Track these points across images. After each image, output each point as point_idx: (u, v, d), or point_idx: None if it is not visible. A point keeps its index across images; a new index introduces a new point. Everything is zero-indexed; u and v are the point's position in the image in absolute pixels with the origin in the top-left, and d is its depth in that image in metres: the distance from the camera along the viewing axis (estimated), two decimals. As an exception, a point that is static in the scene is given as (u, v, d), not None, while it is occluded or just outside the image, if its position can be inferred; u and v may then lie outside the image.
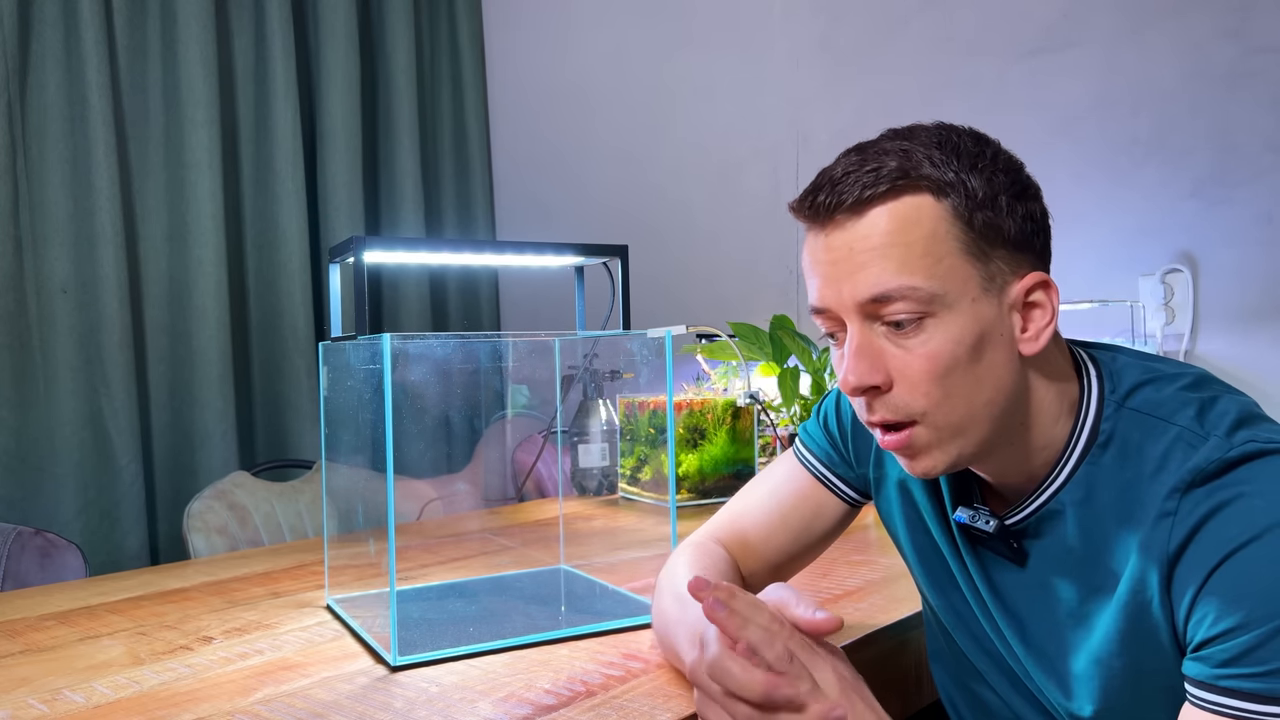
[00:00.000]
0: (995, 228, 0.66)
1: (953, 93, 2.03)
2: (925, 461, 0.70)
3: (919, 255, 0.65)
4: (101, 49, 2.10)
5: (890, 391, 0.68)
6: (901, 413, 0.68)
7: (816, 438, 0.93)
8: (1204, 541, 0.62)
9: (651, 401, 1.81)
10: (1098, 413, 0.70)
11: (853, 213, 0.67)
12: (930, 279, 0.65)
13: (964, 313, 0.66)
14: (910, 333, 0.66)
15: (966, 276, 0.66)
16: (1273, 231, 1.67)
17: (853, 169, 0.67)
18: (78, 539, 1.96)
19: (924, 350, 0.66)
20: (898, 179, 0.66)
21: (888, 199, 0.66)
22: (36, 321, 2.04)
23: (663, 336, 1.08)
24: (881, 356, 0.67)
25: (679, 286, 2.51)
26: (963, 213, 0.65)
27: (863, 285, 0.66)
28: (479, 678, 0.86)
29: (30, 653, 0.98)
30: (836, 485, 0.91)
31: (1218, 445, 0.63)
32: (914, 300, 0.65)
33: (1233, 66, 1.70)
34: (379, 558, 0.97)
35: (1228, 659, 0.59)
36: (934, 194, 0.66)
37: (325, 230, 2.58)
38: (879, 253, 0.65)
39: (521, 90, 2.95)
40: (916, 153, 0.66)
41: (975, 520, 0.75)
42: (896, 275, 0.65)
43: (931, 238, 0.65)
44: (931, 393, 0.66)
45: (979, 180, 0.66)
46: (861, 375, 0.67)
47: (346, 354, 1.06)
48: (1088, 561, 0.70)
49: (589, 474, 1.94)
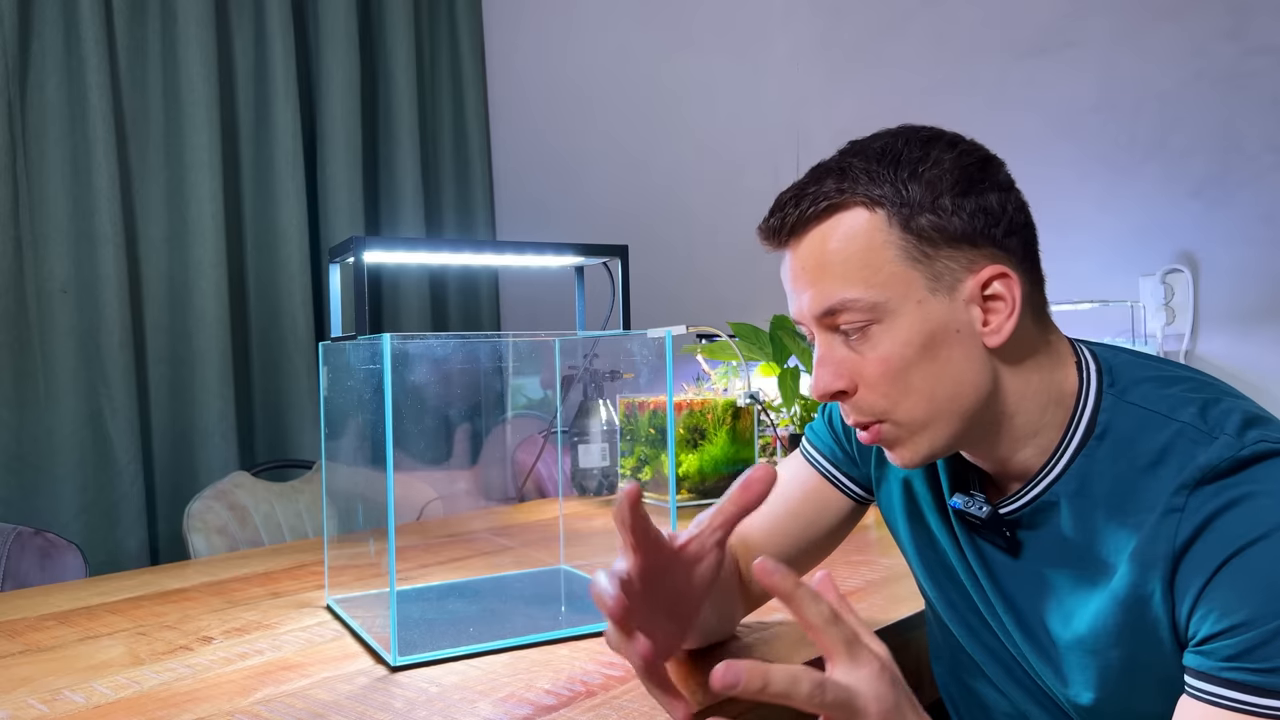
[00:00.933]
0: (939, 229, 0.68)
1: (953, 93, 2.03)
2: (903, 453, 0.73)
3: (857, 268, 0.69)
4: (101, 49, 2.10)
5: (855, 394, 0.72)
6: (867, 413, 0.72)
7: (823, 436, 0.94)
8: (1211, 538, 0.62)
9: (652, 401, 1.81)
10: (1095, 405, 0.71)
11: (796, 235, 0.72)
12: (869, 289, 0.68)
13: (909, 314, 0.69)
14: (860, 340, 0.70)
15: (909, 281, 0.68)
16: (1273, 232, 1.67)
17: (796, 193, 0.72)
18: (78, 539, 1.96)
19: (875, 355, 0.70)
20: (833, 198, 0.70)
21: (824, 218, 0.70)
22: (36, 321, 2.04)
23: (663, 336, 1.08)
24: (844, 363, 0.72)
25: (679, 286, 2.51)
26: (898, 220, 0.68)
27: (814, 300, 0.71)
28: (479, 678, 0.86)
29: (30, 653, 0.98)
30: (843, 482, 0.92)
31: (1229, 444, 0.64)
32: (856, 310, 0.69)
33: (1232, 67, 1.70)
34: (379, 558, 0.97)
35: (1231, 655, 0.60)
36: (867, 207, 0.69)
37: (325, 230, 2.58)
38: (821, 270, 0.70)
39: (521, 90, 2.95)
40: (855, 168, 0.70)
41: (969, 506, 0.77)
42: (839, 289, 0.69)
43: (867, 249, 0.68)
44: (890, 393, 0.70)
45: (917, 186, 0.68)
46: (825, 383, 0.72)
47: (346, 354, 1.06)
48: (1081, 553, 0.71)
49: (589, 474, 1.93)
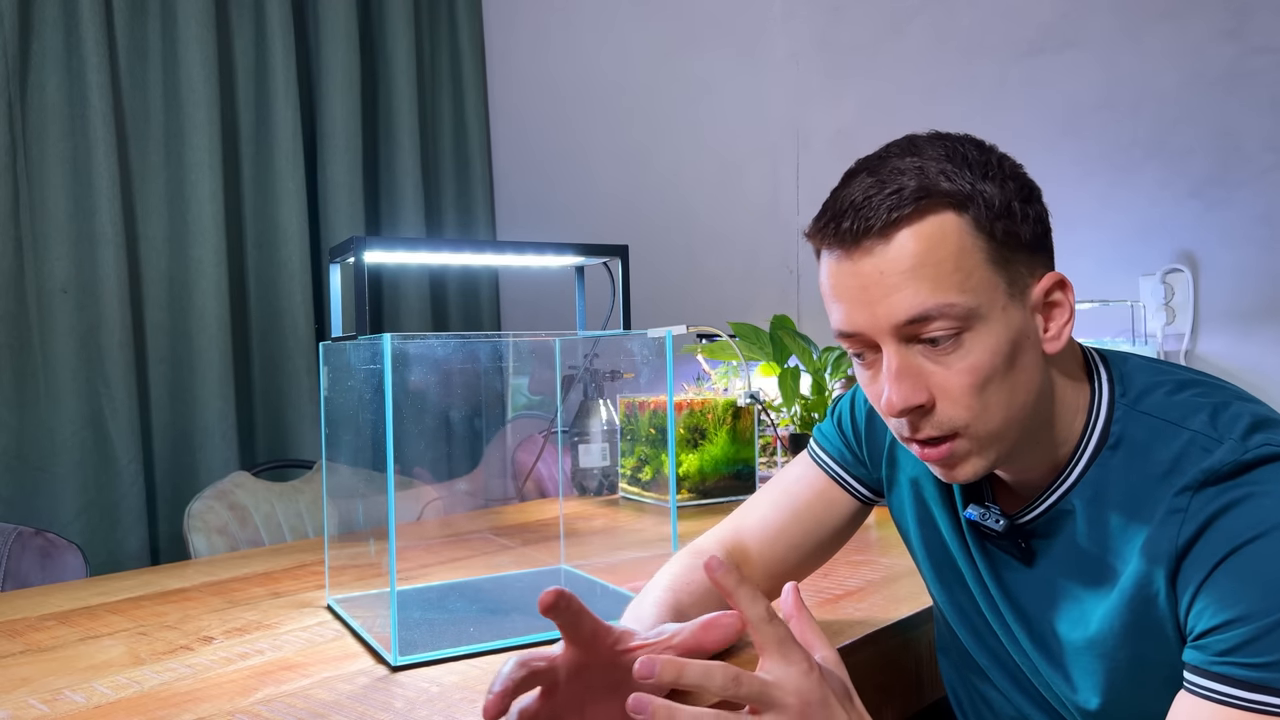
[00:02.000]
0: (1013, 234, 0.67)
1: (953, 93, 2.03)
2: (965, 469, 0.70)
3: (950, 272, 0.65)
4: (101, 49, 2.10)
5: (933, 409, 0.68)
6: (945, 428, 0.68)
7: (831, 437, 0.94)
8: (1211, 537, 0.63)
9: (652, 401, 1.81)
10: (1109, 414, 0.71)
11: (881, 237, 0.66)
12: (963, 294, 0.65)
13: (997, 322, 0.66)
14: (949, 349, 0.66)
15: (994, 286, 0.66)
16: (1273, 232, 1.67)
17: (873, 192, 0.67)
18: (78, 539, 1.96)
19: (964, 365, 0.66)
20: (920, 198, 0.65)
21: (913, 220, 0.66)
22: (36, 321, 2.04)
23: (663, 336, 1.08)
24: (922, 375, 0.67)
25: (679, 286, 2.51)
26: (984, 224, 0.66)
27: (899, 308, 0.66)
28: (479, 678, 0.86)
29: (31, 653, 0.98)
30: (849, 483, 0.92)
31: (1233, 448, 0.64)
32: (951, 317, 0.65)
33: (1232, 67, 1.70)
34: (379, 558, 0.97)
35: (1226, 649, 0.60)
36: (955, 209, 0.66)
37: (325, 230, 2.58)
38: (911, 274, 0.65)
39: (521, 90, 2.95)
40: (930, 168, 0.66)
41: (985, 519, 0.76)
42: (932, 295, 0.65)
43: (959, 253, 0.65)
44: (973, 405, 0.67)
45: (993, 189, 0.66)
46: (905, 396, 0.67)
47: (347, 354, 1.06)
48: (1094, 561, 0.71)
49: (589, 474, 1.93)
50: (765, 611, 0.62)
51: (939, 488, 0.83)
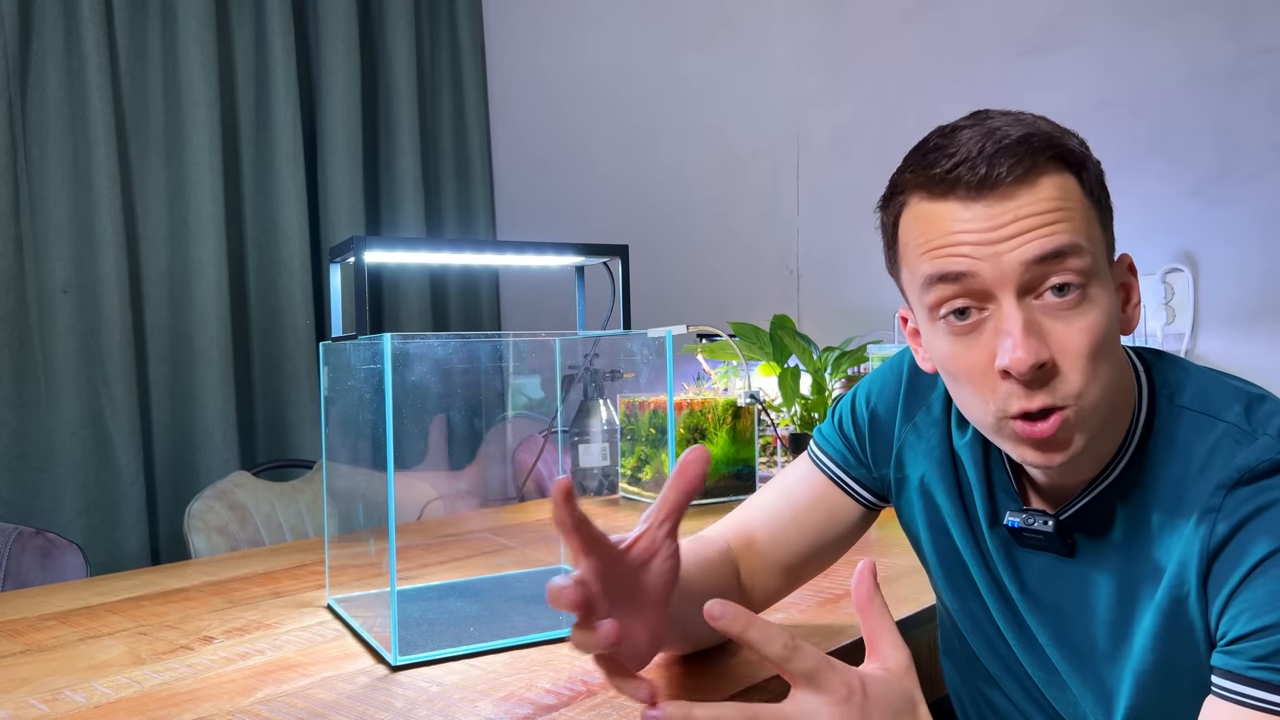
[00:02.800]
0: (1107, 207, 0.68)
1: (953, 93, 2.03)
2: (1069, 450, 0.66)
3: (1081, 221, 0.64)
4: (101, 49, 2.10)
5: (1055, 372, 0.64)
6: (1059, 395, 0.64)
7: (832, 440, 0.91)
8: (1245, 539, 0.62)
9: (652, 401, 1.81)
10: (1150, 409, 0.70)
11: (1018, 183, 0.63)
12: (1090, 242, 0.64)
13: (1106, 286, 0.65)
14: (1071, 303, 0.63)
15: (1105, 249, 0.66)
16: (1273, 231, 1.67)
17: (1001, 138, 0.64)
18: (78, 539, 1.95)
19: (1083, 323, 0.64)
20: (1051, 148, 0.64)
21: (1047, 169, 0.64)
22: (36, 321, 2.04)
23: (663, 336, 1.08)
24: (1043, 332, 0.64)
25: (679, 286, 2.51)
26: (1092, 188, 0.66)
27: (1035, 245, 0.62)
28: (479, 677, 0.86)
29: (31, 653, 0.98)
30: (852, 488, 0.89)
31: (1269, 445, 0.63)
32: (1082, 261, 0.63)
33: (1233, 66, 1.70)
34: (379, 558, 0.97)
35: (1261, 655, 0.59)
36: (1075, 168, 0.65)
37: (325, 230, 2.58)
38: (1049, 215, 0.63)
39: (521, 90, 2.95)
40: (1042, 124, 0.66)
41: (1031, 523, 0.73)
42: (1069, 234, 0.63)
43: (1084, 208, 0.65)
44: (1087, 370, 0.64)
45: (1093, 160, 0.67)
46: (1035, 350, 0.62)
47: (347, 354, 1.06)
48: (1131, 558, 0.70)
49: (589, 474, 1.93)
50: (784, 649, 0.58)
51: (950, 494, 0.81)
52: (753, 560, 0.90)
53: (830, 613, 1.03)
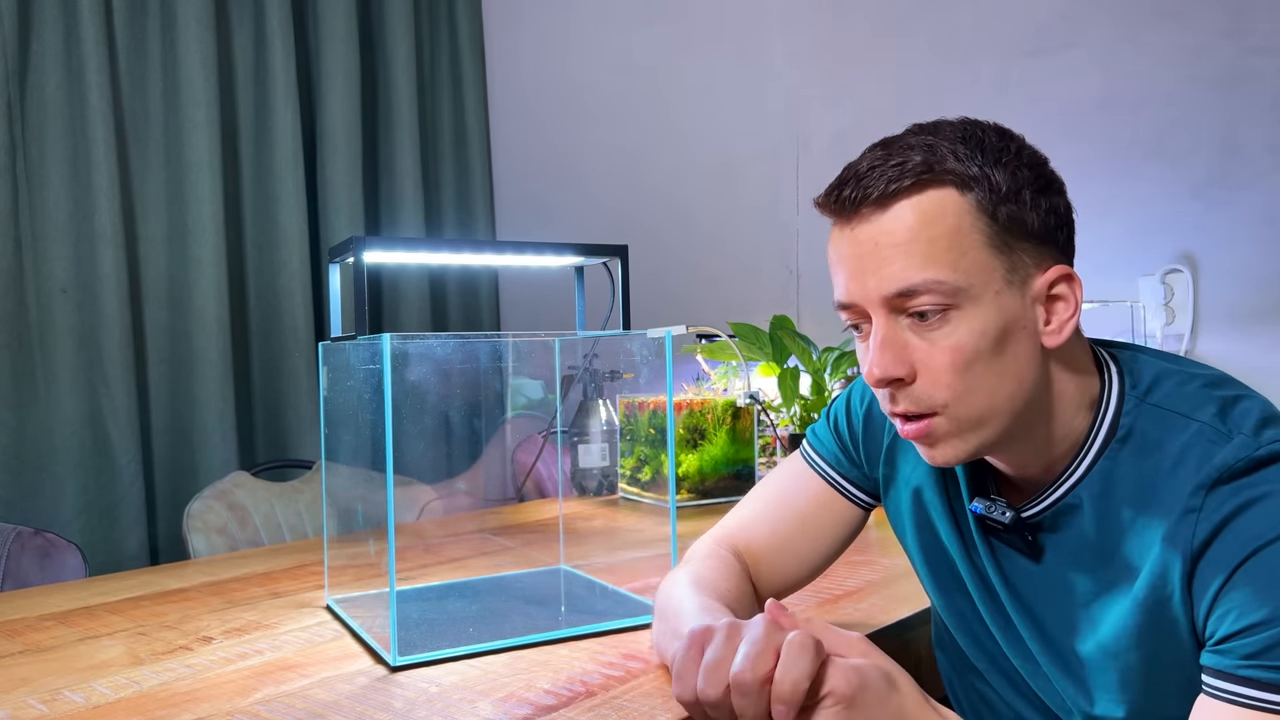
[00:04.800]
0: (1019, 221, 0.67)
1: (953, 94, 2.03)
2: (945, 450, 0.70)
3: (943, 249, 0.65)
4: (101, 49, 2.09)
5: (914, 383, 0.68)
6: (924, 404, 0.68)
7: (825, 440, 0.92)
8: (1229, 538, 0.62)
9: (651, 401, 1.81)
10: (1118, 408, 0.70)
11: (877, 207, 0.67)
12: (954, 272, 0.65)
13: (987, 305, 0.66)
14: (934, 325, 0.66)
15: (990, 269, 0.66)
16: (1273, 232, 1.67)
17: (878, 163, 0.67)
18: (77, 539, 1.95)
19: (948, 343, 0.66)
20: (922, 173, 0.66)
21: (912, 193, 0.66)
22: (36, 321, 2.04)
23: (663, 336, 1.08)
24: (906, 349, 0.68)
25: (679, 287, 2.51)
26: (986, 206, 0.66)
27: (888, 279, 0.66)
28: (479, 678, 0.86)
29: (30, 653, 0.98)
30: (847, 489, 0.91)
31: (1245, 444, 0.64)
32: (939, 293, 0.65)
33: (1232, 68, 1.70)
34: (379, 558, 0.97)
35: (1251, 653, 0.60)
36: (958, 188, 0.66)
37: (325, 230, 2.58)
38: (904, 247, 0.66)
39: (521, 90, 2.95)
40: (941, 147, 0.67)
41: (991, 511, 0.75)
42: (921, 269, 0.65)
43: (955, 232, 0.66)
44: (954, 385, 0.67)
45: (1002, 174, 0.66)
46: (886, 368, 0.68)
47: (346, 354, 1.06)
48: (1103, 555, 0.70)
49: (589, 474, 1.93)
50: None
51: (938, 489, 0.82)
52: (759, 571, 0.90)
53: (830, 613, 1.04)
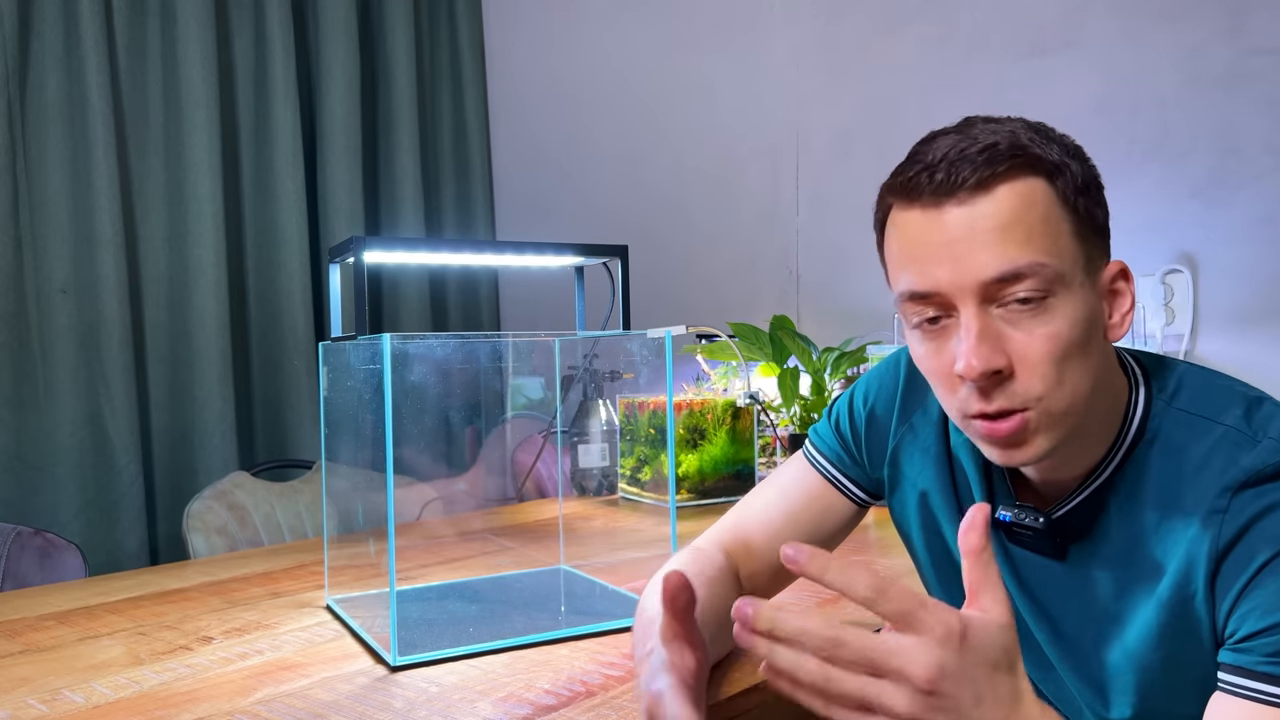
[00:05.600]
0: (1092, 214, 0.67)
1: (952, 93, 2.03)
2: (1030, 449, 0.67)
3: (1041, 234, 0.64)
4: (101, 49, 2.09)
5: (1011, 377, 0.65)
6: (1018, 399, 0.66)
7: (827, 439, 0.93)
8: (1253, 539, 0.63)
9: (651, 402, 1.81)
10: (1145, 411, 0.71)
11: (977, 190, 0.65)
12: (1052, 257, 0.64)
13: (1076, 294, 0.66)
14: (1033, 312, 0.65)
15: (1076, 258, 0.66)
16: (1272, 232, 1.67)
17: (966, 145, 0.65)
18: (77, 539, 1.95)
19: (1045, 331, 0.65)
20: (1015, 156, 0.65)
21: (1009, 177, 0.65)
22: (36, 321, 2.04)
23: (663, 337, 1.08)
24: (1001, 340, 0.65)
25: (679, 287, 2.51)
26: (1069, 196, 0.66)
27: (991, 263, 0.64)
28: (479, 678, 0.86)
29: (30, 653, 0.98)
30: (846, 486, 0.91)
31: (1272, 448, 0.64)
32: (1041, 278, 0.64)
33: (1231, 68, 1.70)
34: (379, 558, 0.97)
35: (1273, 651, 0.60)
36: (1046, 176, 0.65)
37: (325, 230, 2.58)
38: (1004, 230, 0.64)
39: (521, 90, 2.95)
40: (1021, 134, 0.66)
41: (1021, 519, 0.74)
42: (1024, 253, 0.64)
43: (1048, 218, 0.65)
44: (1049, 375, 0.65)
45: (1079, 166, 0.67)
46: (986, 358, 0.64)
47: (346, 354, 1.06)
48: (1127, 557, 0.70)
49: (589, 474, 1.94)
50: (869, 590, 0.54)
51: (949, 498, 0.81)
52: (750, 563, 0.91)
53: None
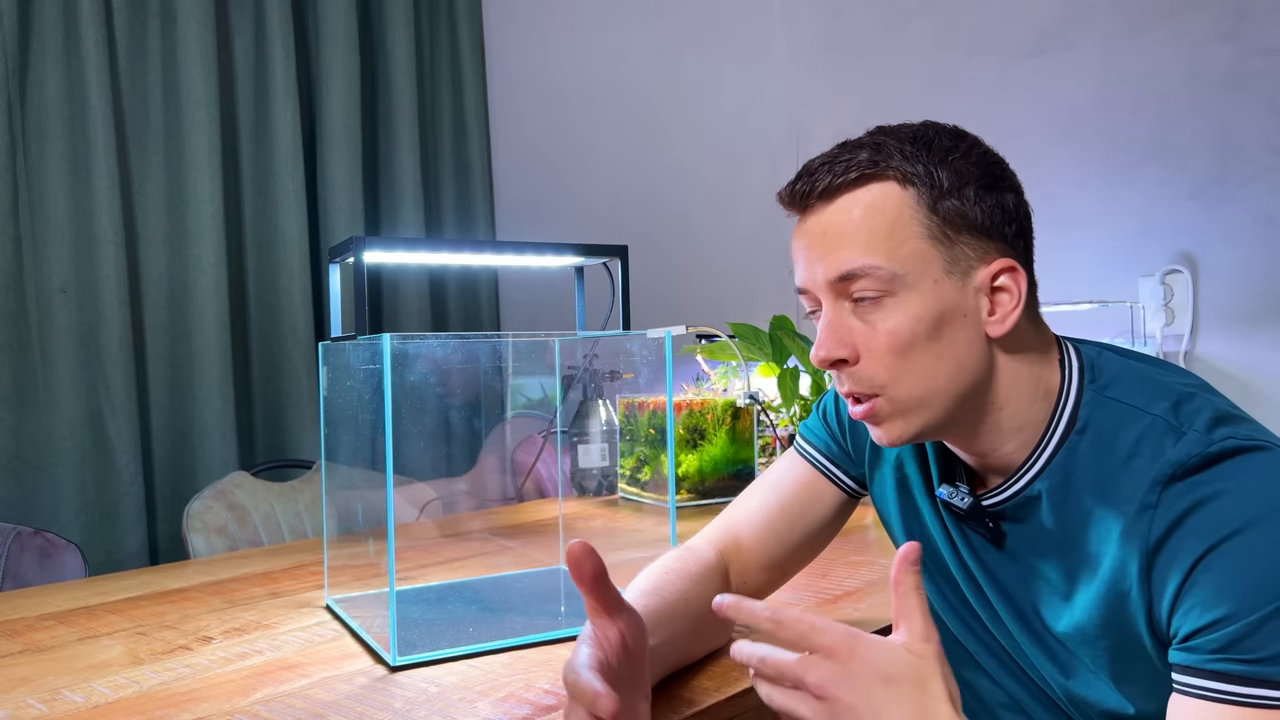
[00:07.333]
0: (960, 215, 0.70)
1: (952, 93, 2.03)
2: (889, 430, 0.74)
3: (883, 238, 0.70)
4: (101, 49, 2.10)
5: (856, 365, 0.72)
6: (865, 385, 0.73)
7: (817, 430, 0.95)
8: (1185, 535, 0.64)
9: (651, 402, 1.81)
10: (1076, 400, 0.73)
11: (825, 199, 0.73)
12: (892, 260, 0.70)
13: (925, 293, 0.70)
14: (872, 309, 0.71)
15: (929, 259, 0.70)
16: (1272, 232, 1.67)
17: (829, 160, 0.73)
18: (77, 539, 1.96)
19: (885, 326, 0.71)
20: (867, 168, 0.71)
21: (856, 186, 0.71)
22: (36, 321, 2.04)
23: (662, 337, 1.08)
24: (849, 332, 0.72)
25: (679, 287, 2.51)
26: (927, 200, 0.70)
27: (831, 265, 0.71)
28: (478, 678, 0.86)
29: (30, 653, 0.98)
30: (835, 474, 0.93)
31: (1198, 440, 0.65)
32: (876, 279, 0.70)
33: (1231, 68, 1.70)
34: (378, 558, 0.97)
35: (1217, 648, 0.61)
36: (899, 183, 0.71)
37: (325, 230, 2.58)
38: (847, 236, 0.71)
39: (521, 90, 2.95)
40: (889, 145, 0.72)
41: (953, 497, 0.78)
42: (861, 255, 0.70)
43: (895, 222, 0.70)
44: (892, 366, 0.71)
45: (946, 171, 0.70)
46: (829, 349, 0.72)
47: (346, 354, 1.06)
48: (1064, 545, 0.72)
49: (589, 474, 1.94)
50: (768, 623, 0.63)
51: (921, 473, 0.84)
52: (742, 559, 0.92)
53: (829, 613, 1.03)
